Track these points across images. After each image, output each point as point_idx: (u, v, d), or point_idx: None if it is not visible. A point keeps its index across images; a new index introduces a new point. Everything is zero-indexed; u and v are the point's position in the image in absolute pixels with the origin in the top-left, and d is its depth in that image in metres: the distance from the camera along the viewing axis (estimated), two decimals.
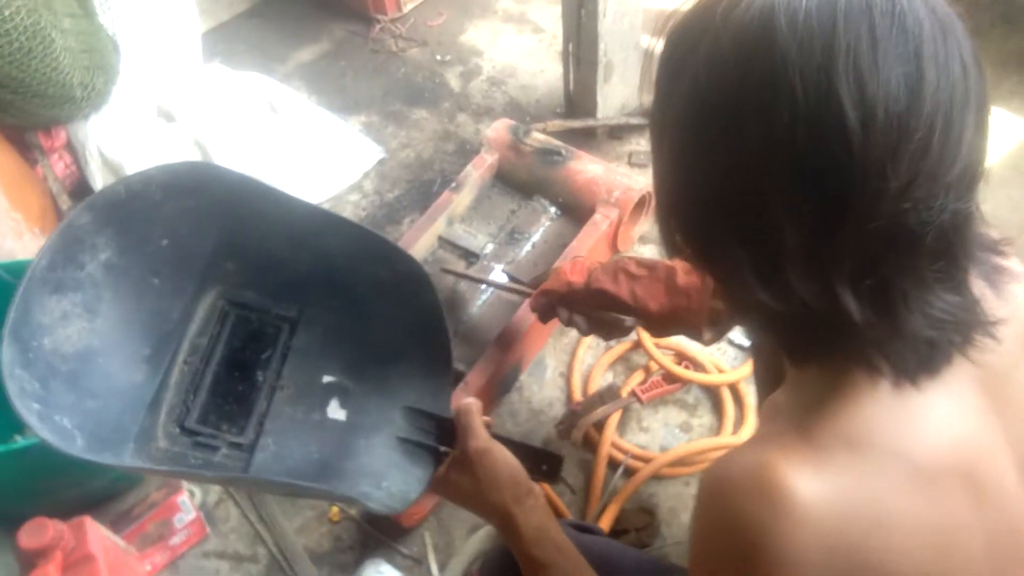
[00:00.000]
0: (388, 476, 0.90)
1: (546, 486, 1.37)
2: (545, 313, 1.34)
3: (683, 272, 1.17)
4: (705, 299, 1.13)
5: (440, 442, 0.93)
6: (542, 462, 0.94)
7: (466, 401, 0.91)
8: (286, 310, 1.00)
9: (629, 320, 1.26)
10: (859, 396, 0.61)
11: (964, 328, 0.60)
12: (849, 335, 0.58)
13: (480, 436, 0.88)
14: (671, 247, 0.67)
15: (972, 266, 0.61)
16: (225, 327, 0.98)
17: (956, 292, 0.59)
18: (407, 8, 2.26)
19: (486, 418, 0.93)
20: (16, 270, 1.39)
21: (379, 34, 2.23)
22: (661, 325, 1.22)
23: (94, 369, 0.85)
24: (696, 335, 1.17)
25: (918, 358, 0.60)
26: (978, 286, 0.63)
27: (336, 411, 0.95)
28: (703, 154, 0.59)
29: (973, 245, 0.60)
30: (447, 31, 2.23)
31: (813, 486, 0.57)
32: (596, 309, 1.26)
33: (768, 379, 1.06)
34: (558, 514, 1.19)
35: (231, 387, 0.96)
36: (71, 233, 0.84)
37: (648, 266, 1.20)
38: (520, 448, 0.92)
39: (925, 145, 0.52)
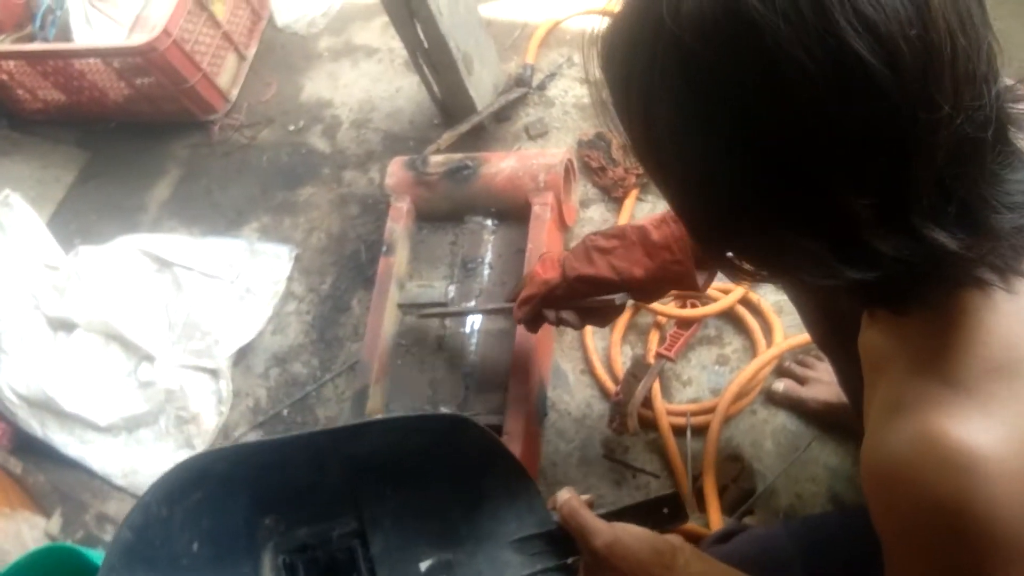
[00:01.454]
0: None
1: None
2: (532, 321, 1.26)
3: (654, 227, 1.11)
4: (687, 243, 1.07)
5: (563, 555, 0.86)
6: (661, 508, 0.88)
7: (562, 502, 0.83)
8: (345, 525, 0.92)
9: (619, 297, 1.20)
10: (980, 316, 0.57)
11: None
12: (949, 264, 0.54)
13: (598, 530, 0.81)
14: (729, 270, 0.62)
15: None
16: None
17: (1021, 167, 0.55)
18: (234, 96, 2.09)
19: (586, 497, 0.86)
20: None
21: (221, 134, 2.06)
22: (652, 289, 1.16)
23: None
24: (691, 285, 1.11)
25: (1015, 251, 0.56)
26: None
27: None
28: (730, 168, 0.53)
29: (1017, 115, 0.56)
30: (285, 98, 2.08)
31: (990, 434, 0.54)
32: (582, 298, 1.19)
33: (815, 314, 1.02)
34: (698, 540, 1.13)
35: None
36: None
37: (617, 235, 1.14)
38: (635, 511, 0.86)
39: (953, 52, 0.48)
